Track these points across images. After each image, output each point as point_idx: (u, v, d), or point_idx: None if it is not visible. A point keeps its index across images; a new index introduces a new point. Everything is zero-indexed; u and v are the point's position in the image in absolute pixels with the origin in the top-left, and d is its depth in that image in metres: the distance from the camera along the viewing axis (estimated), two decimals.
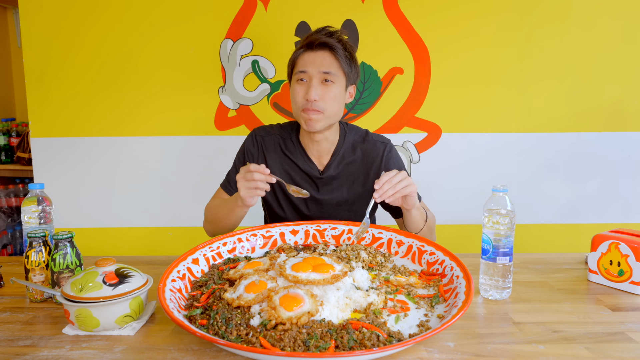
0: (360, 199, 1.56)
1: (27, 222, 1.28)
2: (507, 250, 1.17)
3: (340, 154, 1.55)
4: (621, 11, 2.14)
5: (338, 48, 1.44)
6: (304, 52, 1.46)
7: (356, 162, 1.55)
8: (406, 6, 2.15)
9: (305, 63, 1.44)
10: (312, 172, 1.54)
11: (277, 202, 1.58)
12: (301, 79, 1.45)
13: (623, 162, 2.24)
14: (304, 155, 1.55)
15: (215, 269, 1.23)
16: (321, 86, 1.43)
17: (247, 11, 2.17)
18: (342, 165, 1.55)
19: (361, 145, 1.57)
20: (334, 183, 1.55)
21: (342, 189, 1.55)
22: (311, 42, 1.45)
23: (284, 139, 1.57)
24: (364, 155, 1.56)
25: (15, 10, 3.32)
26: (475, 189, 2.22)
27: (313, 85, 1.42)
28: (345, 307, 1.02)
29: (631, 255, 1.21)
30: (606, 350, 0.95)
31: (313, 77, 1.43)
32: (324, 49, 1.44)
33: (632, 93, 2.19)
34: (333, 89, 1.44)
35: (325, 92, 1.43)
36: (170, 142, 2.25)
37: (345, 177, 1.55)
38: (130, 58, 2.20)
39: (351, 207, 1.57)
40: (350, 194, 1.55)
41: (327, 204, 1.55)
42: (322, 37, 1.44)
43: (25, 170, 2.98)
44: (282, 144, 1.57)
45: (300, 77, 1.45)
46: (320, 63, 1.43)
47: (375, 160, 1.55)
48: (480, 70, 2.18)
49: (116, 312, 1.01)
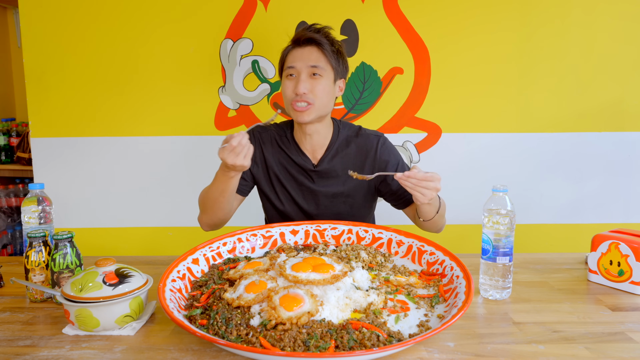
0: (356, 191, 1.58)
1: (27, 222, 1.28)
2: (507, 250, 1.17)
3: (334, 148, 1.57)
4: (621, 11, 2.13)
5: (324, 43, 1.49)
6: (292, 49, 1.51)
7: (350, 155, 1.58)
8: (406, 6, 2.15)
9: (293, 59, 1.49)
10: (306, 165, 1.57)
11: (275, 194, 1.61)
12: (290, 75, 1.50)
13: (623, 162, 2.24)
14: (298, 150, 1.58)
15: (215, 269, 1.23)
16: (309, 80, 1.48)
17: (247, 11, 2.17)
18: (336, 158, 1.57)
19: (355, 140, 1.59)
20: (328, 176, 1.58)
21: (337, 181, 1.58)
22: (298, 38, 1.50)
23: (279, 135, 1.62)
24: (357, 148, 1.58)
25: (15, 10, 3.32)
26: (475, 189, 2.22)
27: (302, 79, 1.47)
28: (345, 307, 1.02)
29: (631, 255, 1.21)
30: (606, 350, 0.95)
31: (301, 72, 1.47)
32: (311, 44, 1.49)
33: (632, 93, 2.19)
34: (321, 81, 1.48)
35: (314, 85, 1.47)
36: (170, 142, 2.25)
37: (339, 169, 1.57)
38: (130, 58, 2.20)
39: (347, 199, 1.59)
40: (346, 187, 1.58)
41: (322, 195, 1.58)
42: (309, 33, 1.49)
43: (25, 170, 2.98)
44: (278, 139, 1.61)
45: (289, 72, 1.50)
46: (308, 58, 1.48)
47: (369, 152, 1.57)
48: (480, 70, 2.18)
49: (116, 312, 1.01)
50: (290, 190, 1.59)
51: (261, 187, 1.62)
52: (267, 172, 1.60)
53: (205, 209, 1.52)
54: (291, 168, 1.59)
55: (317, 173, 1.57)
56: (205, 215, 1.54)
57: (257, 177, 1.61)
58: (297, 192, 1.59)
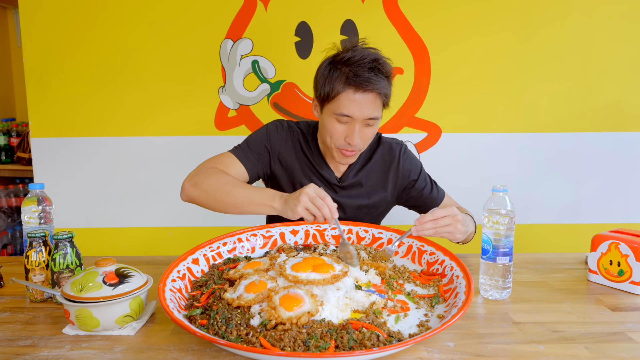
0: (381, 203, 1.54)
1: (27, 222, 1.28)
2: (507, 250, 1.17)
3: (358, 162, 1.51)
4: (621, 12, 2.14)
5: (385, 89, 1.33)
6: (349, 91, 1.31)
7: (374, 168, 1.52)
8: (406, 6, 2.15)
9: (349, 106, 1.31)
10: (330, 179, 1.50)
11: None
12: (341, 119, 1.35)
13: (623, 162, 2.24)
14: (322, 161, 1.50)
15: (215, 269, 1.23)
16: (363, 128, 1.36)
17: (247, 11, 2.17)
18: (361, 173, 1.51)
19: (377, 150, 1.53)
20: (353, 190, 1.52)
21: (361, 194, 1.52)
22: (359, 83, 1.30)
23: (305, 140, 1.51)
24: (380, 159, 1.53)
25: (15, 10, 3.32)
26: (475, 189, 2.21)
27: (356, 130, 1.33)
28: (345, 307, 1.02)
29: (631, 255, 1.21)
30: (606, 350, 0.95)
31: (357, 122, 1.34)
32: (372, 92, 1.31)
33: (632, 93, 2.19)
34: (374, 127, 1.38)
35: (366, 133, 1.37)
36: (170, 142, 2.25)
37: (364, 182, 1.52)
38: (131, 58, 2.20)
39: (370, 210, 1.55)
40: (372, 200, 1.53)
41: (347, 207, 1.52)
42: (371, 77, 1.30)
43: (25, 170, 2.98)
44: (303, 144, 1.51)
45: (341, 119, 1.34)
46: (367, 109, 1.32)
47: (392, 163, 1.52)
48: (480, 70, 2.18)
49: (116, 312, 1.01)
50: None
51: (282, 188, 1.52)
52: (292, 175, 1.50)
53: (210, 193, 1.32)
54: (314, 178, 1.50)
55: (342, 187, 1.51)
56: (206, 195, 1.33)
57: (277, 176, 1.51)
58: None
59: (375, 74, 1.31)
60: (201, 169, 1.41)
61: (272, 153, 1.49)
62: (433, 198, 1.54)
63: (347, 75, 1.31)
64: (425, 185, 1.54)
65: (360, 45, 1.38)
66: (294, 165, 1.50)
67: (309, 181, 1.48)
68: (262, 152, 1.48)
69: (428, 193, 1.54)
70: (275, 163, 1.50)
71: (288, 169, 1.50)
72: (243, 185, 1.32)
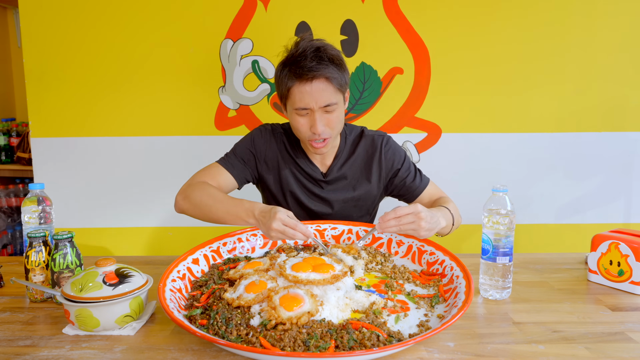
0: (367, 195, 1.57)
1: (27, 222, 1.28)
2: (507, 250, 1.17)
3: (342, 156, 1.55)
4: (621, 12, 2.14)
5: (332, 73, 1.35)
6: (297, 84, 1.35)
7: (357, 161, 1.56)
8: (406, 6, 2.15)
9: (302, 98, 1.35)
10: (315, 175, 1.54)
11: (284, 200, 1.57)
12: (300, 112, 1.39)
13: (623, 162, 2.24)
14: (307, 159, 1.54)
15: (215, 269, 1.23)
16: (324, 115, 1.38)
17: (247, 11, 2.17)
18: (345, 166, 1.55)
19: (359, 143, 1.57)
20: (338, 183, 1.55)
21: (346, 187, 1.56)
22: (303, 74, 1.33)
23: (289, 140, 1.55)
24: (363, 151, 1.56)
25: (15, 10, 3.32)
26: (475, 188, 2.22)
27: (317, 118, 1.37)
28: (345, 307, 1.02)
29: (631, 255, 1.21)
30: (606, 350, 0.95)
31: (315, 112, 1.37)
32: (319, 78, 1.34)
33: (632, 93, 2.19)
34: (335, 112, 1.39)
35: (329, 120, 1.39)
36: (170, 142, 2.25)
37: (349, 175, 1.55)
38: (130, 58, 2.20)
39: (357, 203, 1.58)
40: (356, 192, 1.56)
41: (334, 201, 1.56)
42: (313, 66, 1.33)
43: (25, 170, 2.98)
44: (287, 144, 1.55)
45: (301, 113, 1.39)
46: (319, 96, 1.35)
47: (375, 154, 1.55)
48: (480, 70, 2.18)
49: (116, 312, 1.01)
50: (301, 196, 1.55)
51: (270, 189, 1.57)
52: (278, 176, 1.54)
53: (197, 206, 1.38)
54: (301, 176, 1.54)
55: (327, 182, 1.55)
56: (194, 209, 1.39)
57: (265, 178, 1.55)
58: (308, 198, 1.55)
59: (317, 62, 1.34)
60: (191, 182, 1.47)
61: (257, 157, 1.54)
62: (416, 186, 1.54)
63: (292, 70, 1.35)
64: (408, 174, 1.55)
65: (305, 40, 1.40)
66: (279, 166, 1.54)
67: (293, 177, 1.53)
68: (248, 157, 1.53)
69: (410, 181, 1.55)
70: (262, 166, 1.55)
71: (274, 171, 1.55)
72: (224, 199, 1.36)
